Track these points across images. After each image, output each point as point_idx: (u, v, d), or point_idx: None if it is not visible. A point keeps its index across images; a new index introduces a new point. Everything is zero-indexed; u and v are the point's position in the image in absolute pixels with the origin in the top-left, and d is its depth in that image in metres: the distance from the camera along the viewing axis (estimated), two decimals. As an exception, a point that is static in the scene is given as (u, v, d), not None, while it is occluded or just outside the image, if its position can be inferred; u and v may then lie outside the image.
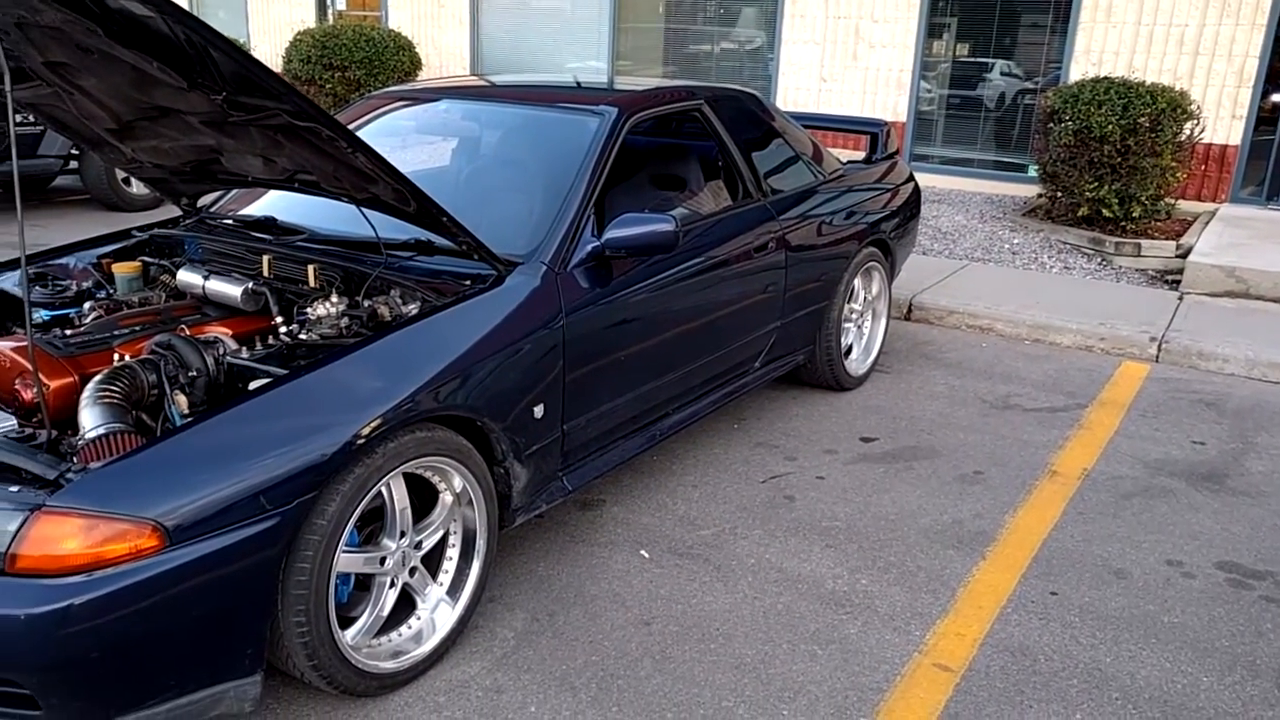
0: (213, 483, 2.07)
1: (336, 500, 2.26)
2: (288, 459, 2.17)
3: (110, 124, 2.88)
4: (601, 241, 3.01)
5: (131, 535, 1.95)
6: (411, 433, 2.43)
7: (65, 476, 1.99)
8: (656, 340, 3.30)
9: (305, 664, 2.29)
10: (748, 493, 3.66)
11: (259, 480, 2.12)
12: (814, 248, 4.14)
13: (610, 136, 3.28)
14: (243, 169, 2.94)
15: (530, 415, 2.78)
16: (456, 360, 2.55)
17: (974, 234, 7.63)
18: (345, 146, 2.37)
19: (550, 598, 2.96)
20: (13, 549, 1.90)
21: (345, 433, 2.26)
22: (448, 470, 2.59)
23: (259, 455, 2.14)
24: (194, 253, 3.29)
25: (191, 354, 2.48)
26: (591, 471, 3.15)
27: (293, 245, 3.10)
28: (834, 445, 4.10)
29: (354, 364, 2.39)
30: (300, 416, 2.25)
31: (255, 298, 2.82)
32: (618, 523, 3.41)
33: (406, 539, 2.53)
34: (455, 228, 2.68)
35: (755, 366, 4.01)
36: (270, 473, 2.14)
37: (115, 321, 2.73)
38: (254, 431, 2.18)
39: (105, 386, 2.32)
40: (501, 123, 3.55)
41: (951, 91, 9.40)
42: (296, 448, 2.19)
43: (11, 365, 2.48)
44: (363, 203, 2.78)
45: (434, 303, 2.69)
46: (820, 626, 2.86)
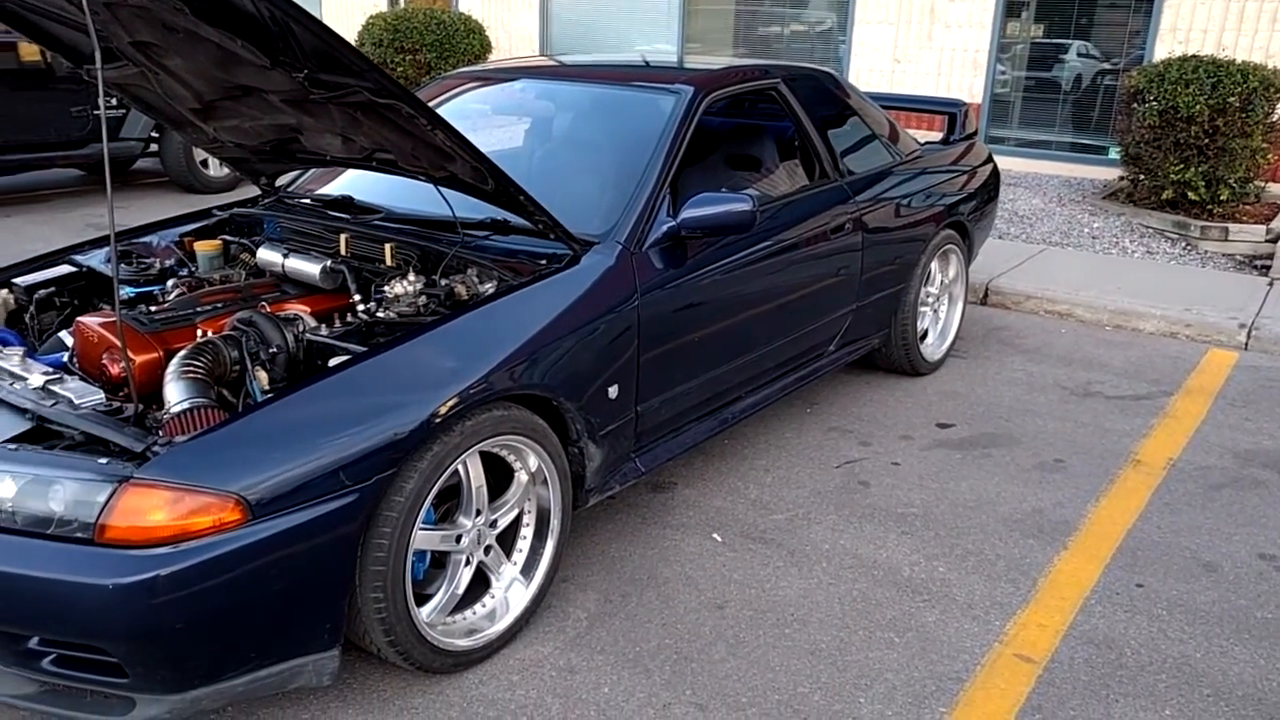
0: (294, 458, 2.08)
1: (414, 478, 2.26)
2: (367, 436, 2.18)
3: (194, 104, 2.92)
4: (677, 221, 2.97)
5: (215, 508, 1.97)
6: (488, 411, 2.43)
7: (152, 449, 2.02)
8: (730, 322, 3.25)
9: (382, 640, 2.30)
10: (821, 478, 3.61)
11: (338, 456, 2.13)
12: (891, 230, 4.05)
13: (687, 115, 3.23)
14: (321, 148, 2.96)
15: (605, 395, 2.76)
16: (533, 339, 2.53)
17: (1052, 217, 7.42)
18: (425, 124, 2.37)
19: (623, 579, 2.94)
20: (102, 519, 1.94)
21: (423, 410, 2.26)
22: (523, 449, 2.58)
23: (339, 432, 2.15)
24: (273, 231, 3.32)
25: (272, 331, 2.51)
26: (664, 454, 3.13)
27: (369, 224, 3.12)
28: (909, 431, 4.02)
29: (432, 342, 2.39)
30: (379, 394, 2.26)
31: (333, 276, 2.84)
32: (689, 506, 3.38)
33: (482, 517, 2.53)
34: (533, 207, 2.66)
35: (830, 350, 3.94)
36: (349, 449, 2.15)
37: (197, 298, 2.77)
38: (334, 408, 2.20)
39: (189, 362, 2.35)
40: (577, 102, 3.52)
41: (1029, 72, 9.14)
42: (375, 425, 2.20)
43: (100, 340, 2.53)
44: (440, 182, 2.78)
45: (510, 282, 2.68)
46: (897, 614, 2.80)
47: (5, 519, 1.99)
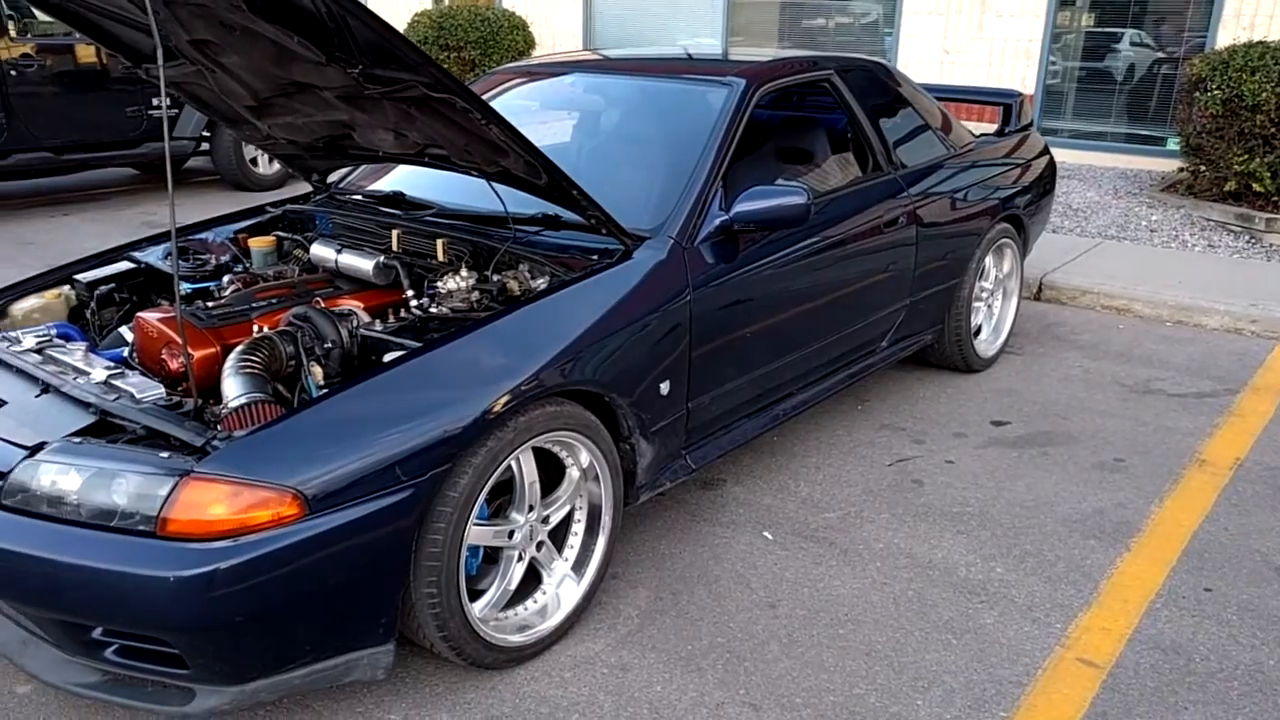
0: (350, 453, 2.08)
1: (469, 473, 2.26)
2: (422, 431, 2.17)
3: (249, 101, 2.94)
4: (730, 215, 2.94)
5: (274, 503, 1.98)
6: (541, 407, 2.41)
7: (211, 444, 2.04)
8: (782, 317, 3.21)
9: (435, 635, 2.30)
10: (873, 476, 3.55)
11: (394, 452, 2.13)
12: (945, 223, 3.97)
13: (739, 108, 3.19)
14: (374, 144, 2.97)
15: (657, 391, 2.74)
16: (585, 335, 2.52)
17: (1107, 210, 7.26)
18: (479, 118, 2.36)
19: (673, 576, 2.92)
20: (163, 513, 1.96)
21: (478, 406, 2.26)
22: (575, 445, 2.57)
23: (394, 427, 2.15)
24: (325, 227, 3.34)
25: (327, 326, 2.52)
26: (714, 450, 3.10)
27: (421, 220, 3.12)
28: (963, 428, 3.95)
29: (486, 338, 2.38)
30: (434, 389, 2.25)
31: (386, 271, 2.85)
32: (739, 503, 3.35)
33: (534, 513, 2.53)
34: (585, 201, 2.64)
35: (882, 346, 3.89)
36: (405, 444, 2.15)
37: (253, 294, 2.80)
38: (389, 403, 2.20)
39: (246, 357, 2.37)
40: (627, 96, 3.50)
41: (1083, 62, 8.95)
42: (430, 420, 2.19)
43: (159, 336, 2.56)
44: (492, 177, 2.77)
45: (563, 277, 2.67)
46: (954, 615, 2.75)
47: (70, 511, 2.01)
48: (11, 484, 2.07)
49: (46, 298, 2.98)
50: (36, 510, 2.04)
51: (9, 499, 2.07)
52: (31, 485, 2.05)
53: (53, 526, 2.02)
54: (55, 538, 2.00)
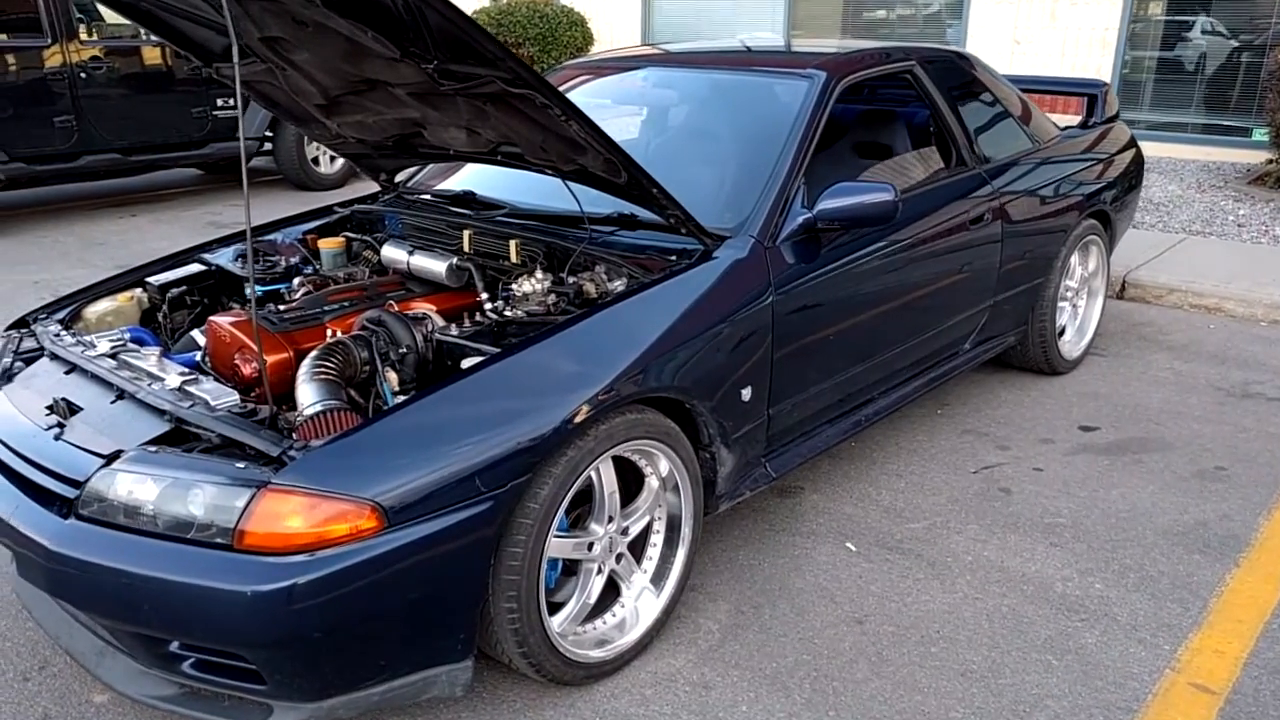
0: (429, 463, 2.01)
1: (549, 483, 2.17)
2: (502, 441, 2.09)
3: (319, 99, 2.89)
4: (814, 213, 2.82)
5: (352, 515, 1.91)
6: (622, 414, 2.32)
7: (288, 454, 1.97)
8: (864, 319, 3.09)
9: (515, 650, 2.22)
10: (958, 484, 3.41)
11: (474, 462, 2.05)
12: (1030, 220, 3.81)
13: (820, 101, 3.07)
14: (445, 142, 2.90)
15: (738, 397, 2.63)
16: (666, 339, 2.42)
17: (1190, 204, 6.98)
18: (559, 115, 2.27)
19: (754, 589, 2.81)
20: (240, 525, 1.90)
21: (558, 414, 2.17)
22: (654, 454, 2.47)
23: (473, 436, 2.08)
24: (394, 228, 3.29)
25: (401, 331, 2.45)
26: (795, 458, 2.98)
27: (493, 220, 3.04)
28: (1050, 434, 3.78)
29: (565, 343, 2.30)
30: (513, 397, 2.17)
31: (459, 273, 2.78)
32: (818, 512, 3.23)
33: (614, 524, 2.43)
34: (666, 200, 2.54)
35: (965, 348, 3.73)
36: (484, 454, 2.07)
37: (324, 297, 2.74)
38: (468, 412, 2.12)
39: (321, 363, 2.31)
40: (702, 90, 3.39)
41: (1161, 51, 8.64)
42: (510, 429, 2.11)
43: (231, 340, 2.51)
44: (568, 175, 2.68)
45: (642, 279, 2.57)
46: (1053, 634, 2.60)
47: (146, 522, 1.97)
48: (88, 493, 2.03)
49: (119, 300, 2.96)
50: (113, 521, 2.00)
51: (85, 509, 2.03)
52: (108, 495, 2.01)
53: (129, 538, 1.97)
54: (131, 549, 1.96)
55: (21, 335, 2.77)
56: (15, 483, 2.19)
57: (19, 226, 7.15)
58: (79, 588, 2.01)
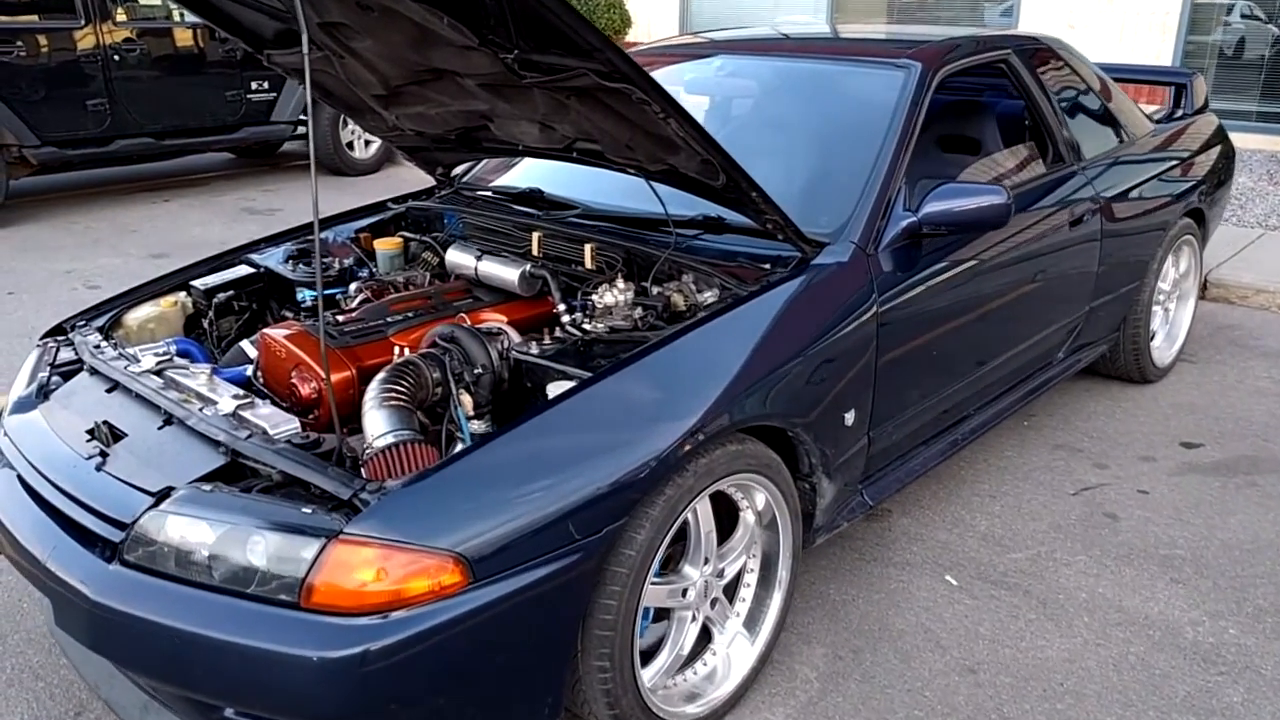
0: (518, 507, 1.78)
1: (646, 526, 1.94)
2: (596, 480, 1.86)
3: (378, 89, 2.65)
4: (919, 217, 2.56)
5: (434, 570, 1.69)
6: (722, 446, 2.08)
7: (360, 497, 1.74)
8: (964, 329, 2.83)
9: (605, 712, 1.99)
10: (1058, 507, 3.15)
11: (565, 504, 1.82)
12: (1130, 220, 3.53)
13: (919, 94, 2.80)
14: (514, 137, 2.65)
15: (841, 422, 2.39)
16: (769, 358, 2.18)
17: (1265, 198, 6.64)
18: (658, 111, 2.02)
19: (850, 630, 2.57)
20: (307, 580, 1.67)
21: (656, 447, 1.93)
22: (751, 487, 2.23)
23: (566, 475, 1.84)
24: (455, 227, 3.05)
25: (476, 348, 2.21)
26: (892, 484, 2.74)
27: (564, 221, 2.80)
28: (1149, 451, 3.51)
29: (661, 366, 2.05)
30: (606, 429, 1.94)
31: (532, 282, 2.54)
32: (910, 539, 2.98)
33: (710, 566, 2.20)
34: (765, 204, 2.29)
35: (1059, 358, 3.47)
36: (577, 496, 1.83)
37: (387, 307, 2.51)
38: (559, 447, 1.88)
39: (390, 386, 2.07)
40: (785, 81, 3.13)
41: (1226, 35, 8.26)
42: (604, 466, 1.88)
43: (287, 356, 2.29)
44: (653, 175, 2.44)
45: (736, 291, 2.32)
46: (1192, 690, 2.35)
47: (200, 572, 1.75)
48: (135, 537, 1.81)
49: (162, 306, 2.74)
50: (162, 569, 1.78)
51: (131, 554, 1.81)
52: (157, 539, 1.79)
53: (180, 589, 1.75)
54: (183, 603, 1.74)
55: (59, 345, 2.56)
56: (54, 518, 1.98)
57: (51, 212, 6.97)
58: (122, 644, 1.80)
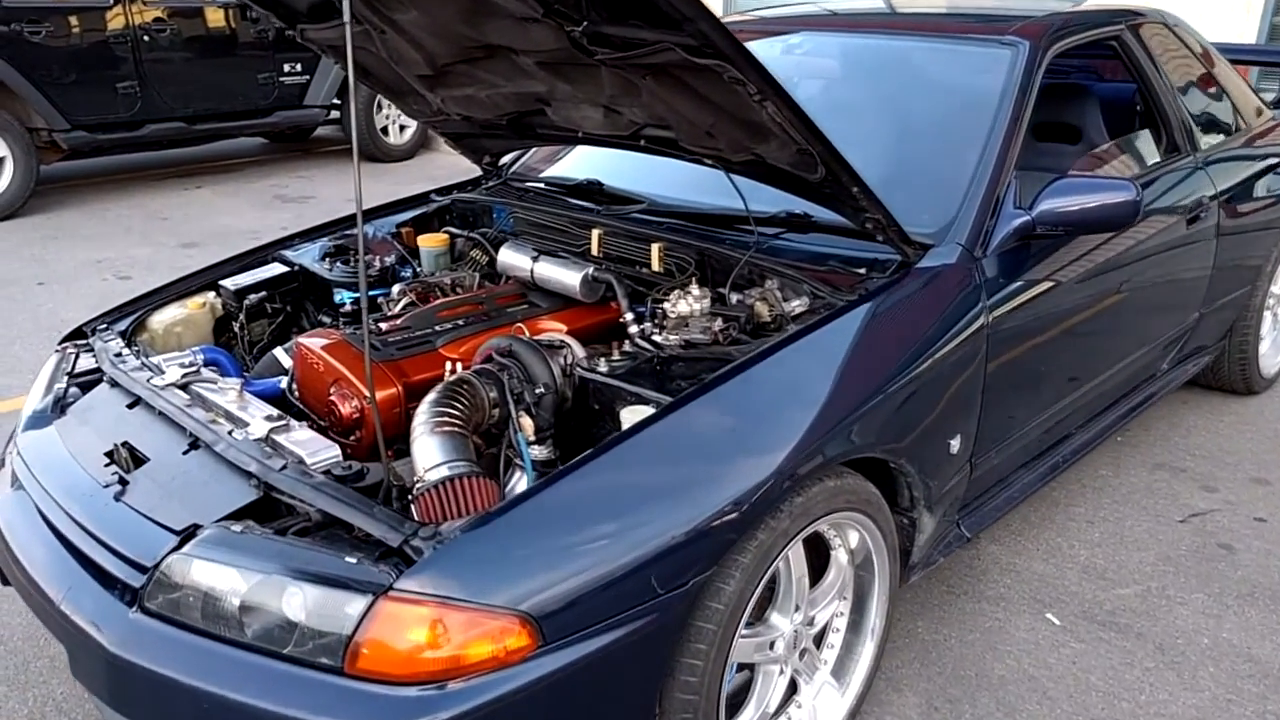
0: (592, 556, 1.53)
1: (736, 576, 1.68)
2: (680, 523, 1.60)
3: (423, 69, 2.40)
4: (1033, 216, 2.27)
5: (499, 634, 1.44)
6: (820, 482, 1.81)
7: (412, 544, 1.50)
8: (1071, 341, 2.55)
9: (686, 782, 1.74)
10: (1165, 535, 2.85)
11: (646, 552, 1.56)
12: (1249, 215, 3.22)
13: (1028, 75, 2.49)
14: (574, 122, 2.39)
15: (947, 449, 2.12)
16: (874, 379, 1.91)
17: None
18: (753, 94, 1.75)
19: (945, 675, 2.30)
20: (352, 642, 1.43)
21: (746, 485, 1.67)
22: (845, 525, 1.97)
23: (647, 518, 1.59)
24: (504, 223, 2.80)
25: (538, 364, 1.96)
26: (991, 514, 2.46)
27: (627, 217, 2.53)
28: (1261, 472, 3.20)
29: (750, 389, 1.79)
30: (691, 463, 1.68)
31: (595, 286, 2.28)
32: (1003, 570, 2.70)
33: (800, 613, 1.94)
34: (867, 202, 2.01)
35: (1163, 369, 3.16)
36: (659, 542, 1.58)
37: (434, 313, 2.26)
38: (639, 484, 1.63)
39: (443, 409, 1.81)
40: (874, 60, 2.83)
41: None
42: (690, 507, 1.62)
43: (325, 370, 2.04)
44: (734, 167, 2.16)
45: (830, 299, 2.04)
46: (1345, 760, 2.06)
47: (230, 627, 1.51)
48: (157, 583, 1.58)
49: (189, 307, 2.51)
50: (187, 621, 1.55)
51: (152, 601, 1.58)
52: (182, 586, 1.56)
53: (207, 645, 1.52)
54: (210, 662, 1.51)
55: (78, 351, 2.34)
56: (70, 552, 1.76)
57: (81, 198, 6.80)
58: (144, 704, 1.57)
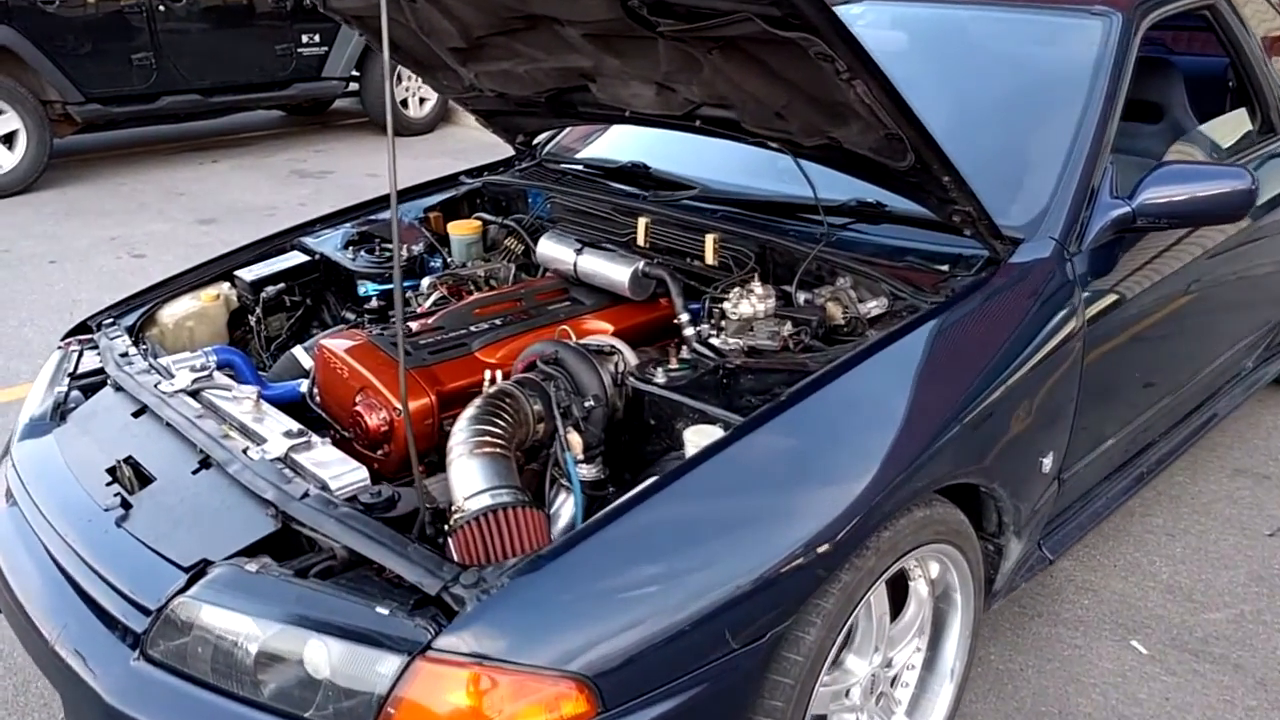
0: (657, 604, 1.33)
1: (817, 624, 1.48)
2: (755, 566, 1.40)
3: (456, 41, 2.19)
4: (1133, 206, 2.04)
5: (553, 700, 1.24)
6: (908, 513, 1.61)
7: (452, 592, 1.30)
8: (1165, 341, 2.34)
9: None
10: (1254, 552, 2.63)
11: (718, 599, 1.36)
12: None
13: (1122, 50, 2.25)
14: (622, 100, 2.17)
15: (1039, 468, 1.91)
16: (966, 394, 1.69)
17: None
18: (842, 70, 1.52)
19: (1024, 712, 2.10)
20: (383, 708, 1.24)
21: (829, 519, 1.46)
22: (927, 556, 1.76)
23: (719, 559, 1.39)
24: (541, 209, 2.58)
25: (587, 373, 1.75)
26: (1074, 533, 2.25)
27: (677, 204, 2.32)
28: (1351, 480, 2.97)
29: (832, 407, 1.58)
30: (767, 495, 1.47)
31: (646, 283, 2.06)
32: (1079, 589, 2.49)
33: (879, 655, 1.73)
34: (959, 192, 1.79)
35: (1247, 367, 2.93)
36: (733, 587, 1.38)
37: (469, 312, 2.05)
38: (708, 520, 1.43)
39: (484, 427, 1.61)
40: (946, 34, 2.59)
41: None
42: (766, 547, 1.42)
43: (350, 376, 1.84)
44: (805, 152, 1.94)
45: (913, 301, 1.82)
46: None
47: (245, 683, 1.32)
48: (162, 628, 1.39)
49: (202, 300, 2.32)
50: (195, 675, 1.36)
51: (155, 648, 1.39)
52: (191, 634, 1.37)
53: (219, 702, 1.33)
54: (220, 722, 1.32)
55: (82, 348, 2.15)
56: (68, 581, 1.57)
57: (96, 173, 6.62)
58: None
